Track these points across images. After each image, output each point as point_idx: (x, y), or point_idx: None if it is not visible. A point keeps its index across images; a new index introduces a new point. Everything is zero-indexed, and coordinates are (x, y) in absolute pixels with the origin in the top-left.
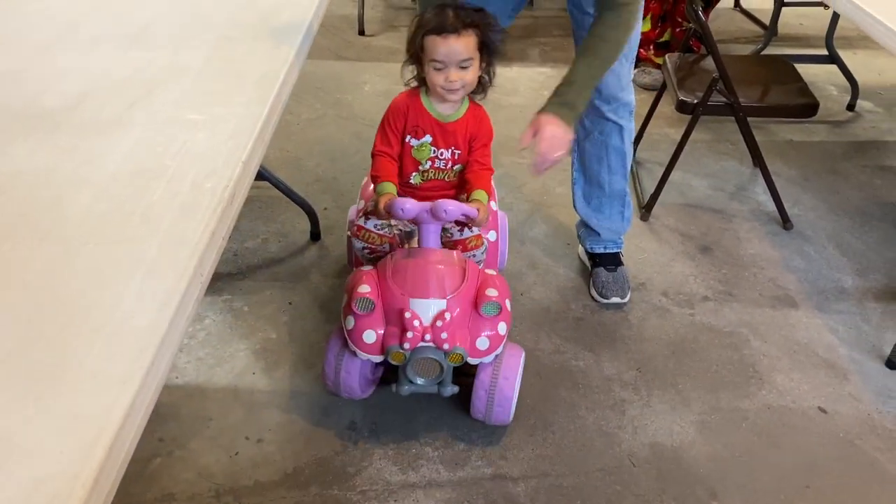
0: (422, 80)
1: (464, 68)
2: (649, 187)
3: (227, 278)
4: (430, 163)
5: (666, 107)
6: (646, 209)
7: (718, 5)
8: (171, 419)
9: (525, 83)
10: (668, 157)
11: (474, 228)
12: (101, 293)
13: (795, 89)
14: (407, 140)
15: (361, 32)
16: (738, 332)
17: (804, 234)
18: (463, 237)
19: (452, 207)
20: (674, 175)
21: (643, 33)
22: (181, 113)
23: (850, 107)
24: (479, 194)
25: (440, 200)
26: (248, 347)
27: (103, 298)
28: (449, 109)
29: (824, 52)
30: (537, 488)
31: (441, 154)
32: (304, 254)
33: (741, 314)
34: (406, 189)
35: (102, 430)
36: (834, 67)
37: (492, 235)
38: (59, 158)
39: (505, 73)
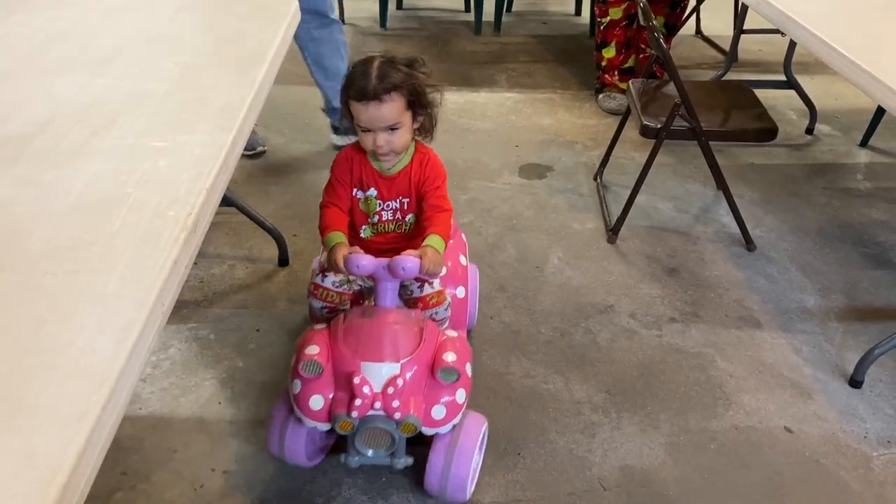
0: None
1: (392, 130)
2: (616, 210)
3: (192, 306)
4: (377, 216)
5: (631, 131)
6: (613, 232)
7: (680, 32)
8: (133, 452)
9: (493, 108)
10: (634, 180)
11: (435, 284)
12: (59, 325)
13: (755, 114)
14: (354, 193)
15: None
16: (705, 352)
17: (767, 255)
18: (423, 294)
19: (411, 265)
20: (639, 198)
21: (608, 59)
22: (144, 140)
23: (809, 131)
24: (432, 240)
25: (398, 257)
26: (213, 376)
27: (61, 330)
28: (390, 162)
29: (783, 77)
30: None
31: (388, 206)
32: (272, 280)
33: (707, 335)
34: (358, 243)
35: (58, 469)
36: (792, 92)
37: (460, 292)
38: (18, 188)
39: (474, 99)
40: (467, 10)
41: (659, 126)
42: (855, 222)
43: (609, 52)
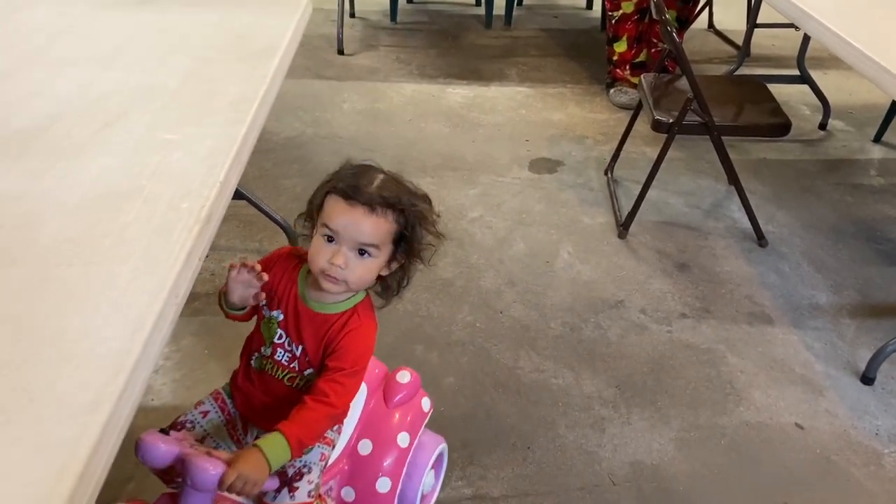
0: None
1: (361, 255)
2: (626, 205)
3: (204, 298)
4: (271, 348)
5: (642, 126)
6: (623, 227)
7: (693, 26)
8: None
9: (503, 102)
10: (645, 175)
11: (300, 493)
12: (73, 316)
13: (768, 109)
14: (261, 304)
15: (340, 52)
16: (716, 348)
17: (779, 251)
18: (275, 502)
19: (209, 477)
20: (651, 193)
21: (620, 54)
22: (156, 133)
23: (822, 126)
24: (269, 441)
25: (197, 459)
26: (225, 368)
27: (75, 322)
28: (323, 296)
29: (796, 72)
30: None
31: (289, 345)
32: None
33: (718, 331)
34: (244, 373)
35: (72, 458)
36: (806, 87)
37: (382, 485)
38: (31, 181)
39: (484, 93)
40: (478, 3)
41: (671, 121)
42: (868, 218)
43: (621, 47)
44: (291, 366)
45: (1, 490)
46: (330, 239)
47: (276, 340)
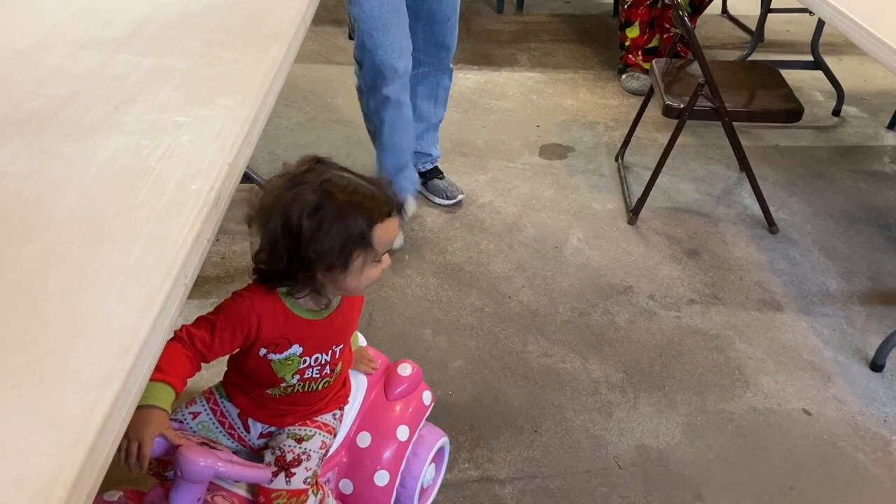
0: (292, 285)
1: None
2: (637, 191)
3: (214, 281)
4: (297, 376)
5: (653, 111)
6: (633, 213)
7: (706, 11)
8: None
9: (514, 87)
10: (656, 161)
11: (295, 479)
12: (84, 294)
13: (781, 95)
14: (262, 353)
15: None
16: (724, 334)
17: (790, 237)
18: (270, 487)
19: (204, 465)
20: (661, 179)
21: (632, 39)
22: (167, 115)
23: (836, 112)
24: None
25: (189, 452)
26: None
27: (86, 299)
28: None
29: (810, 58)
30: (524, 490)
31: (316, 360)
32: None
33: (727, 317)
34: (261, 399)
35: (83, 431)
36: (820, 73)
37: (380, 478)
38: (43, 161)
39: (495, 78)
40: None
41: (682, 106)
42: (881, 205)
43: (633, 32)
44: (325, 372)
45: (14, 461)
46: (378, 260)
47: (298, 368)
